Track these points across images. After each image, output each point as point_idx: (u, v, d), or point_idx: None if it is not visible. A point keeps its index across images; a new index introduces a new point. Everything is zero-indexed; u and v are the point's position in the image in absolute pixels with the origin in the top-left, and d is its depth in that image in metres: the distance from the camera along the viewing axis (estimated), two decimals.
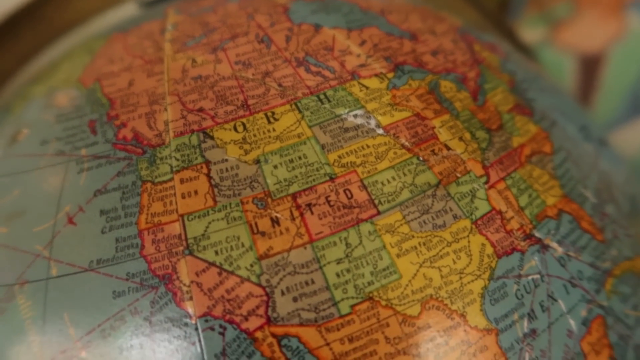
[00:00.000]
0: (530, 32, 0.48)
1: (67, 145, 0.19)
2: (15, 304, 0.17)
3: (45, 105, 0.22)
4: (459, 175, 0.18)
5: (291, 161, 0.18)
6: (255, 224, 0.17)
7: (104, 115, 0.20)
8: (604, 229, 0.20)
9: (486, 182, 0.18)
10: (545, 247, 0.18)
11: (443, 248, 0.17)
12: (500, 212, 0.18)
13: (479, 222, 0.18)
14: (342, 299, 0.16)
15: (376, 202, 0.17)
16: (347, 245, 0.16)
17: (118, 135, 0.19)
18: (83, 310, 0.16)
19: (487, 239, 0.17)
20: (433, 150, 0.18)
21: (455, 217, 0.17)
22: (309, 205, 0.17)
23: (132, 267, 0.16)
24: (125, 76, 0.21)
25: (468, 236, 0.17)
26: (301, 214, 0.17)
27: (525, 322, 0.17)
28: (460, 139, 0.19)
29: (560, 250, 0.18)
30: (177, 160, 0.18)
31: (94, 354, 0.16)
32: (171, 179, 0.17)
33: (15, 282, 0.17)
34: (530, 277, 0.18)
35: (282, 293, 0.16)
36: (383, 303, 0.16)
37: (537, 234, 0.18)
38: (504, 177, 0.19)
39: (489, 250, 0.17)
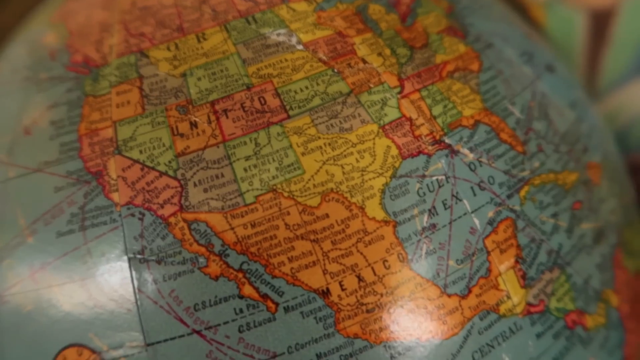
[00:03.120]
0: None
1: (30, 71, 0.22)
2: None
3: (21, 41, 0.24)
4: (372, 85, 0.19)
5: (214, 74, 0.19)
6: (176, 127, 0.18)
7: (63, 44, 0.22)
8: (527, 142, 0.21)
9: (399, 93, 0.19)
10: (454, 152, 0.19)
11: (347, 148, 0.18)
12: (410, 119, 0.19)
13: (387, 127, 0.19)
14: (248, 190, 0.18)
15: (287, 107, 0.19)
16: (257, 144, 0.18)
17: (71, 60, 0.21)
18: (31, 204, 0.19)
19: (394, 142, 0.19)
20: (349, 64, 0.20)
21: (363, 121, 0.19)
22: (225, 110, 0.19)
23: (71, 166, 0.19)
24: (85, 13, 0.23)
25: (374, 139, 0.18)
26: (217, 118, 0.18)
27: (425, 217, 0.18)
28: (380, 54, 0.20)
29: (471, 156, 0.19)
30: (116, 76, 0.20)
31: (38, 239, 0.18)
32: (109, 92, 0.20)
33: None
34: (434, 178, 0.19)
35: (195, 185, 0.18)
36: (285, 194, 0.18)
37: (447, 140, 0.19)
38: (420, 89, 0.20)
39: (394, 152, 0.18)
